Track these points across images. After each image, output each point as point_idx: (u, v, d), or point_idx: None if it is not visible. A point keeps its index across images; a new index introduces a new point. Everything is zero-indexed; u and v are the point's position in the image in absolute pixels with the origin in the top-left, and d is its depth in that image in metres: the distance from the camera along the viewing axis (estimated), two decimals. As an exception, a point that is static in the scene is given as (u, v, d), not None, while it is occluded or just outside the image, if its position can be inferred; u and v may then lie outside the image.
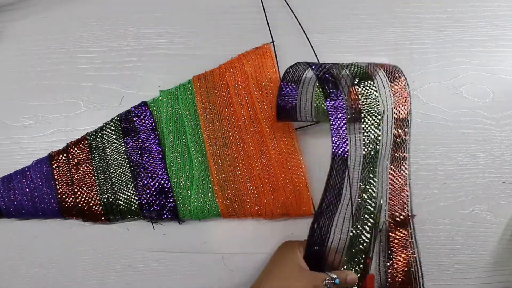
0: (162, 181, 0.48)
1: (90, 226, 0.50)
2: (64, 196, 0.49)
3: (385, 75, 0.44)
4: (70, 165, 0.49)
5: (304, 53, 0.51)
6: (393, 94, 0.45)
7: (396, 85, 0.46)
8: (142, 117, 0.50)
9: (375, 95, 0.42)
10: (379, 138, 0.42)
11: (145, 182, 0.48)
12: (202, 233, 0.50)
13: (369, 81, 0.42)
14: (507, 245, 0.50)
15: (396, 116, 0.46)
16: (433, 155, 0.50)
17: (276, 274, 0.42)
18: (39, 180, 0.49)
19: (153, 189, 0.48)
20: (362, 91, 0.42)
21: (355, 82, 0.41)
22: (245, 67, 0.48)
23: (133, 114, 0.50)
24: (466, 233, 0.50)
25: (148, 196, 0.48)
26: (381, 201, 0.45)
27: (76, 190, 0.49)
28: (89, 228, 0.50)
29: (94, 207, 0.49)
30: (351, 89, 0.42)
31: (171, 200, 0.48)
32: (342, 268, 0.43)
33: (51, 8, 0.53)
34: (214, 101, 0.49)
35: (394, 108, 0.46)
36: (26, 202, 0.49)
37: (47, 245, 0.50)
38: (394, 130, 0.46)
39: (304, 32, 0.51)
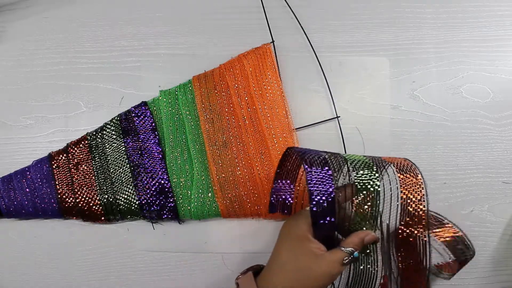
0: (162, 181, 0.48)
1: (90, 226, 0.50)
2: (64, 196, 0.49)
3: (395, 170, 0.40)
4: (70, 165, 0.49)
5: (304, 53, 0.51)
6: (404, 188, 0.39)
7: (408, 177, 0.40)
8: (142, 117, 0.50)
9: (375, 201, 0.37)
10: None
11: (145, 182, 0.48)
12: (202, 233, 0.50)
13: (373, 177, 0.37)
14: (507, 245, 0.49)
15: (408, 213, 0.39)
16: (433, 155, 0.50)
17: (287, 265, 0.37)
18: (39, 180, 0.49)
19: (153, 189, 0.48)
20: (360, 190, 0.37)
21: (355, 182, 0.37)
22: (245, 67, 0.48)
23: (133, 114, 0.50)
24: (466, 233, 0.49)
25: (148, 196, 0.48)
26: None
27: (76, 190, 0.49)
28: (89, 228, 0.50)
29: (94, 207, 0.49)
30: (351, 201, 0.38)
31: (171, 200, 0.48)
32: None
33: (51, 8, 0.53)
34: (214, 101, 0.49)
35: (405, 205, 0.39)
36: (26, 202, 0.49)
37: (47, 245, 0.50)
38: (405, 229, 0.39)
39: (304, 32, 0.51)
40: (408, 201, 0.39)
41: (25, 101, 0.51)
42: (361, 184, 0.38)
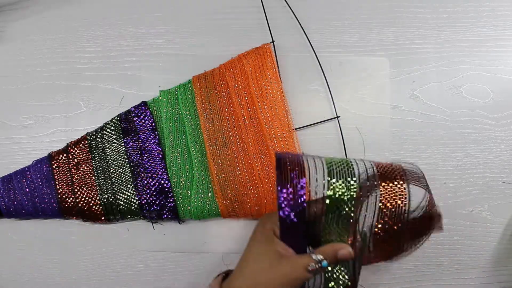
0: (162, 181, 0.48)
1: (90, 226, 0.50)
2: (64, 196, 0.49)
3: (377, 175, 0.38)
4: (70, 165, 0.49)
5: (304, 53, 0.51)
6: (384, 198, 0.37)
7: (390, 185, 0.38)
8: (142, 117, 0.50)
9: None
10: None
11: (145, 182, 0.48)
12: (202, 233, 0.50)
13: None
14: (507, 245, 0.49)
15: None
16: (433, 155, 0.50)
17: (250, 266, 0.36)
18: (39, 180, 0.49)
19: (153, 189, 0.48)
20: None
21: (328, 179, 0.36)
22: (245, 67, 0.48)
23: (133, 114, 0.50)
24: (466, 233, 0.50)
25: (148, 196, 0.48)
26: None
27: (76, 190, 0.49)
28: (89, 228, 0.50)
29: (94, 207, 0.49)
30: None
31: (171, 200, 0.48)
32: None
33: (51, 8, 0.53)
34: (214, 101, 0.49)
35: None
36: (26, 202, 0.49)
37: (47, 245, 0.50)
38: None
39: (304, 32, 0.51)
40: (386, 210, 0.38)
41: (25, 101, 0.51)
42: (336, 195, 0.36)
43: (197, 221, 0.50)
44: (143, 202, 0.48)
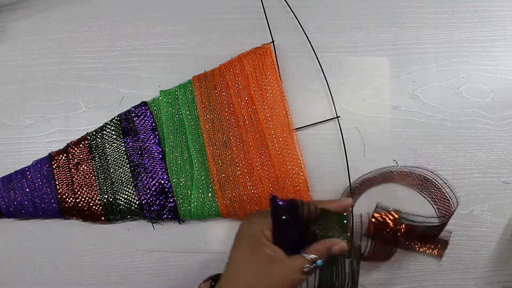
0: (162, 181, 0.48)
1: (90, 226, 0.50)
2: (64, 196, 0.49)
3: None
4: (70, 165, 0.49)
5: (304, 53, 0.51)
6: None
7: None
8: (142, 117, 0.50)
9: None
10: None
11: (145, 182, 0.48)
12: (202, 233, 0.50)
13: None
14: (507, 245, 0.49)
15: None
16: (433, 155, 0.50)
17: (240, 272, 0.34)
18: (39, 180, 0.49)
19: (153, 189, 0.48)
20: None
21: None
22: (245, 67, 0.48)
23: (133, 114, 0.50)
24: (466, 233, 0.50)
25: (148, 196, 0.48)
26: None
27: (76, 190, 0.49)
28: (89, 228, 0.50)
29: (94, 207, 0.49)
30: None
31: (171, 200, 0.48)
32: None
33: (51, 8, 0.53)
34: (214, 101, 0.49)
35: None
36: (26, 202, 0.49)
37: (47, 245, 0.50)
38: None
39: (304, 32, 0.51)
40: None
41: (25, 101, 0.51)
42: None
43: (197, 221, 0.50)
44: (143, 202, 0.48)
